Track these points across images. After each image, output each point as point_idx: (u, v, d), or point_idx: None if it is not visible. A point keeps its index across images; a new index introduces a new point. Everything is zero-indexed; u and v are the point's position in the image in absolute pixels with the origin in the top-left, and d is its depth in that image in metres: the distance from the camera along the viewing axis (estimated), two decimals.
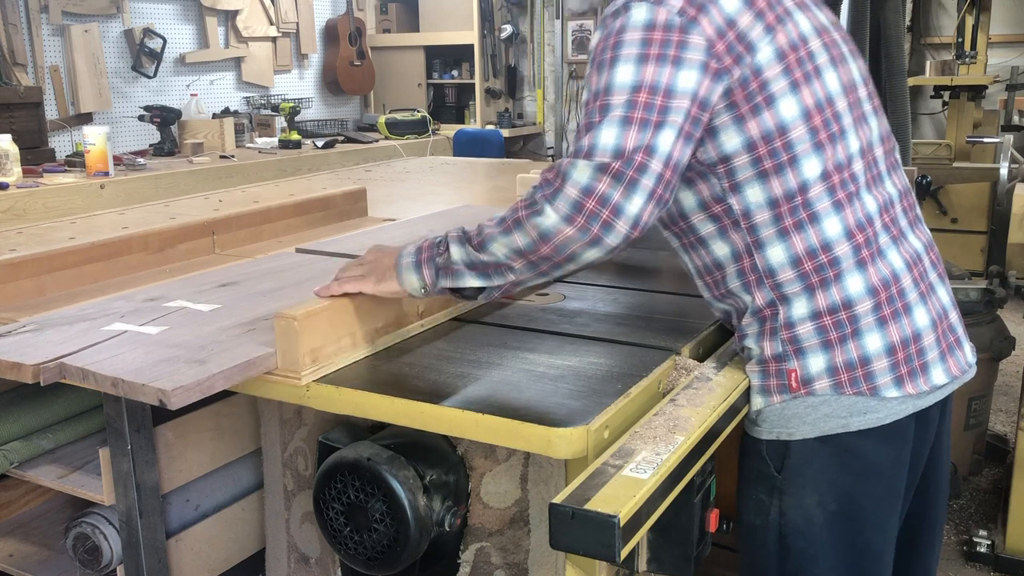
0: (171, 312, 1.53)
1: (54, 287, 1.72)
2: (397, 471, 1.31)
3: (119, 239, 1.86)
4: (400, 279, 1.34)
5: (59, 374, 1.30)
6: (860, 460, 1.34)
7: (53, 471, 1.64)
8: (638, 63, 1.19)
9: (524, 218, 1.20)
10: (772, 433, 1.36)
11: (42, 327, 1.46)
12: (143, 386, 1.20)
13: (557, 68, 6.70)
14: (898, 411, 1.32)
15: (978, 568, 2.79)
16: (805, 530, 1.36)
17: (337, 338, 1.35)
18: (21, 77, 4.38)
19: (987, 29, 5.27)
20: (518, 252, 1.22)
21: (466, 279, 1.28)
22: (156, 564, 1.58)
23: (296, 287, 1.68)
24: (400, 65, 6.69)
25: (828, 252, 1.29)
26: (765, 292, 1.32)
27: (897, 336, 1.31)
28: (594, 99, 1.21)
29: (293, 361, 1.30)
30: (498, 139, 5.92)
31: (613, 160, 1.15)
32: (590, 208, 1.15)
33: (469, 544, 1.42)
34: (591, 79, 1.23)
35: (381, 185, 3.49)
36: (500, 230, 1.23)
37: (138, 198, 3.72)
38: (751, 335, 1.36)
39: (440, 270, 1.30)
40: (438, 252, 1.30)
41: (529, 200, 1.20)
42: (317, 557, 1.60)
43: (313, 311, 1.31)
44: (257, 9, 5.68)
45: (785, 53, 1.27)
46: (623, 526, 0.98)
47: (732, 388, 1.33)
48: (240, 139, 5.19)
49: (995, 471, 3.34)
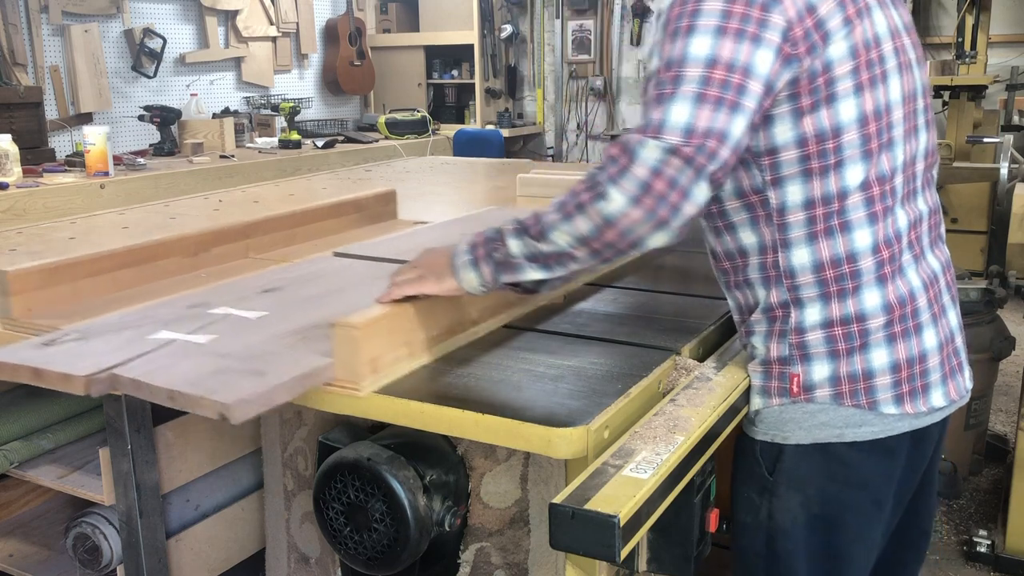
0: (217, 320, 1.49)
1: (91, 292, 1.68)
2: (397, 471, 1.31)
3: (155, 243, 1.81)
4: (458, 278, 1.29)
5: (110, 385, 1.26)
6: (849, 470, 1.33)
7: (53, 471, 1.64)
8: (716, 36, 1.14)
9: (587, 202, 1.13)
10: (767, 435, 1.36)
11: (86, 335, 1.42)
12: (201, 399, 1.15)
13: (557, 68, 6.70)
14: (893, 428, 1.32)
15: (978, 568, 2.78)
16: (791, 532, 1.37)
17: (395, 347, 1.31)
18: (21, 77, 4.38)
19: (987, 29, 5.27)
20: (581, 240, 1.16)
21: (526, 272, 1.23)
22: (156, 564, 1.58)
23: (341, 292, 1.65)
24: (400, 65, 6.69)
25: (852, 263, 1.27)
26: (781, 291, 1.30)
27: (904, 355, 1.30)
28: (666, 68, 1.15)
29: (352, 371, 1.25)
30: (498, 139, 5.91)
31: (684, 142, 1.10)
32: (659, 190, 1.10)
33: (469, 544, 1.42)
34: (663, 45, 1.17)
35: (381, 185, 3.48)
36: (560, 216, 1.17)
37: (138, 198, 3.72)
38: (758, 333, 1.34)
39: (499, 265, 1.25)
40: (494, 247, 1.25)
41: (591, 182, 1.14)
42: (317, 557, 1.60)
43: (373, 319, 1.26)
44: (257, 9, 5.68)
45: (858, 51, 1.23)
46: (623, 526, 0.98)
47: (732, 388, 1.33)
48: (240, 139, 5.19)
49: (995, 471, 3.34)
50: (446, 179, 3.68)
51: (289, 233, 2.09)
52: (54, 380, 1.27)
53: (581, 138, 6.79)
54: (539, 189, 2.93)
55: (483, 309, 1.50)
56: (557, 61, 6.68)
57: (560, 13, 6.59)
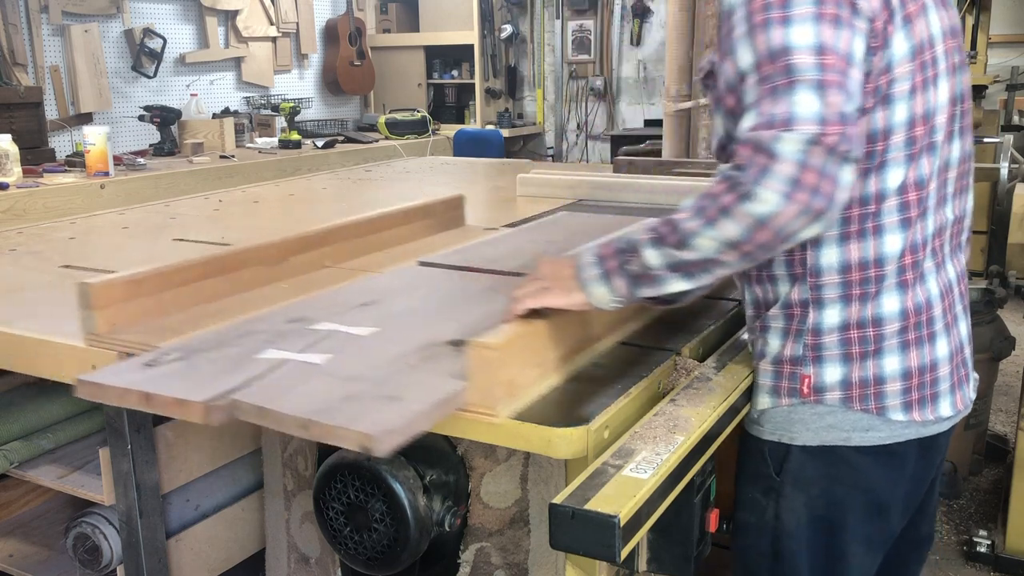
0: (325, 337, 1.40)
1: (174, 305, 1.58)
2: (397, 471, 1.31)
3: (236, 252, 1.72)
4: (587, 292, 1.23)
5: (230, 412, 1.17)
6: (854, 474, 1.33)
7: (53, 471, 1.64)
8: (816, 23, 1.10)
9: (731, 205, 1.09)
10: (774, 435, 1.35)
11: (187, 355, 1.33)
12: (341, 429, 1.06)
13: (557, 68, 6.70)
14: (900, 435, 1.31)
15: (978, 568, 2.78)
16: (795, 533, 1.37)
17: (528, 368, 1.23)
18: (21, 77, 4.38)
19: (987, 29, 5.27)
20: (730, 244, 1.11)
21: (669, 284, 1.18)
22: (156, 564, 1.58)
23: (443, 306, 1.58)
24: (400, 65, 6.69)
25: (879, 268, 1.25)
26: (804, 289, 1.28)
27: (916, 363, 1.29)
28: (770, 60, 1.11)
29: (488, 395, 1.16)
30: (498, 139, 5.91)
31: (822, 130, 1.06)
32: (810, 183, 1.06)
33: (469, 544, 1.42)
34: (753, 38, 1.13)
35: (382, 185, 3.49)
36: (702, 223, 1.11)
37: (138, 198, 3.72)
38: (774, 330, 1.33)
39: (636, 279, 1.19)
40: (627, 259, 1.19)
41: (730, 184, 1.09)
42: (317, 557, 1.60)
43: (510, 339, 1.18)
44: (257, 9, 5.68)
45: (916, 52, 1.21)
46: (623, 526, 0.98)
47: (732, 388, 1.33)
48: (240, 139, 5.19)
49: (995, 471, 3.34)
50: (446, 179, 3.68)
51: (363, 241, 2.01)
52: (168, 406, 1.19)
53: (581, 138, 6.79)
54: (539, 189, 2.93)
55: (605, 324, 1.42)
56: (557, 61, 6.68)
57: (560, 13, 6.59)
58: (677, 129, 3.32)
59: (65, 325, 1.59)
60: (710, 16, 3.12)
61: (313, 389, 1.19)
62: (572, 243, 1.99)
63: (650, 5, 6.37)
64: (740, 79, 1.15)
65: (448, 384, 1.19)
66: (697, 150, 3.25)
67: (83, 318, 1.48)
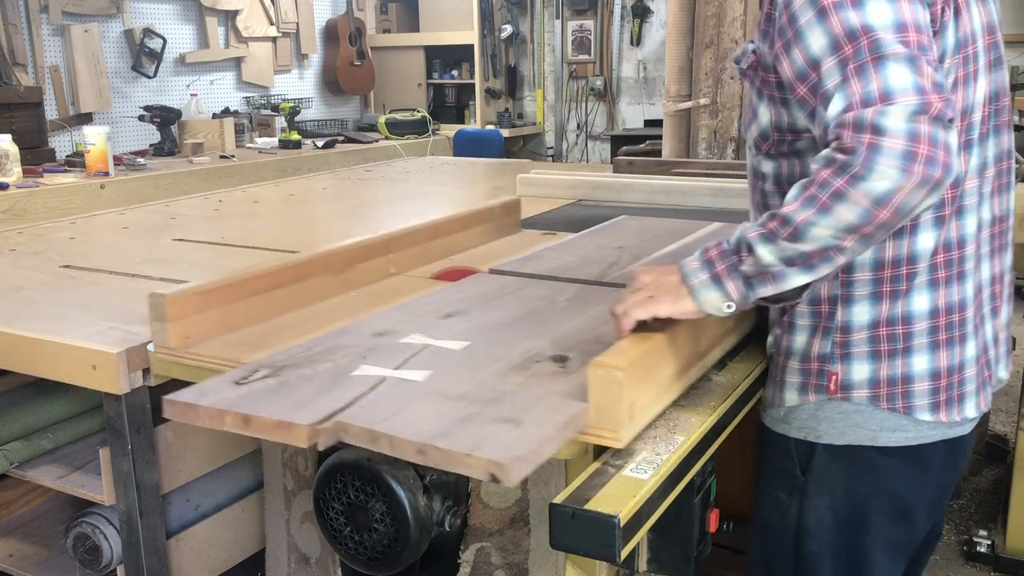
0: (418, 351, 1.35)
1: (243, 317, 1.54)
2: (397, 471, 1.31)
3: (304, 261, 1.67)
4: (697, 299, 1.18)
5: (337, 435, 1.12)
6: (880, 476, 1.31)
7: (53, 471, 1.64)
8: (889, 0, 1.09)
9: (844, 188, 1.05)
10: (801, 432, 1.34)
11: (277, 371, 1.27)
12: (467, 456, 1.00)
13: (557, 68, 6.70)
14: (927, 436, 1.29)
15: (978, 568, 2.78)
16: (818, 534, 1.35)
17: (649, 387, 1.18)
18: (21, 77, 4.38)
19: None
20: (849, 229, 1.07)
21: (790, 279, 1.13)
22: (156, 564, 1.58)
23: (530, 317, 1.53)
24: (400, 65, 6.69)
25: (911, 265, 1.24)
26: (834, 285, 1.27)
27: (944, 363, 1.27)
28: (849, 41, 1.08)
29: (611, 418, 1.10)
30: (498, 139, 5.91)
31: (923, 100, 1.04)
32: (925, 153, 1.03)
33: (469, 544, 1.42)
34: (826, 22, 1.10)
35: (381, 185, 3.49)
36: (815, 211, 1.08)
37: (138, 198, 3.72)
38: (801, 327, 1.31)
39: (751, 279, 1.14)
40: (739, 260, 1.15)
41: (838, 167, 1.06)
42: (317, 557, 1.60)
43: (635, 358, 1.12)
44: (257, 9, 5.68)
45: (960, 46, 1.21)
46: (623, 526, 0.98)
47: (732, 388, 1.33)
48: (240, 139, 5.19)
49: (995, 471, 3.34)
50: (446, 179, 3.68)
51: (425, 247, 1.98)
52: (269, 429, 1.13)
53: (581, 138, 6.79)
54: (539, 189, 2.93)
55: (713, 337, 1.37)
56: (557, 61, 6.68)
57: (560, 13, 6.59)
58: (677, 129, 3.32)
59: (65, 325, 1.60)
60: (710, 16, 3.12)
61: (422, 410, 1.13)
62: (642, 247, 1.98)
63: (650, 5, 6.37)
64: (811, 66, 1.12)
65: (567, 406, 1.13)
66: (697, 150, 3.25)
67: (155, 331, 1.44)
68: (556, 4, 6.57)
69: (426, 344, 1.38)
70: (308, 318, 1.59)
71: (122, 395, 1.47)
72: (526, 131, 6.81)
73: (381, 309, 1.59)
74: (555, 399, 1.16)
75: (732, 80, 3.13)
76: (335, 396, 1.19)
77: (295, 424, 1.11)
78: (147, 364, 1.49)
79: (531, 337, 1.41)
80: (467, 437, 1.04)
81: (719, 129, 3.20)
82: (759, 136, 1.31)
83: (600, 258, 1.91)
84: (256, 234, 2.46)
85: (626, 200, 2.75)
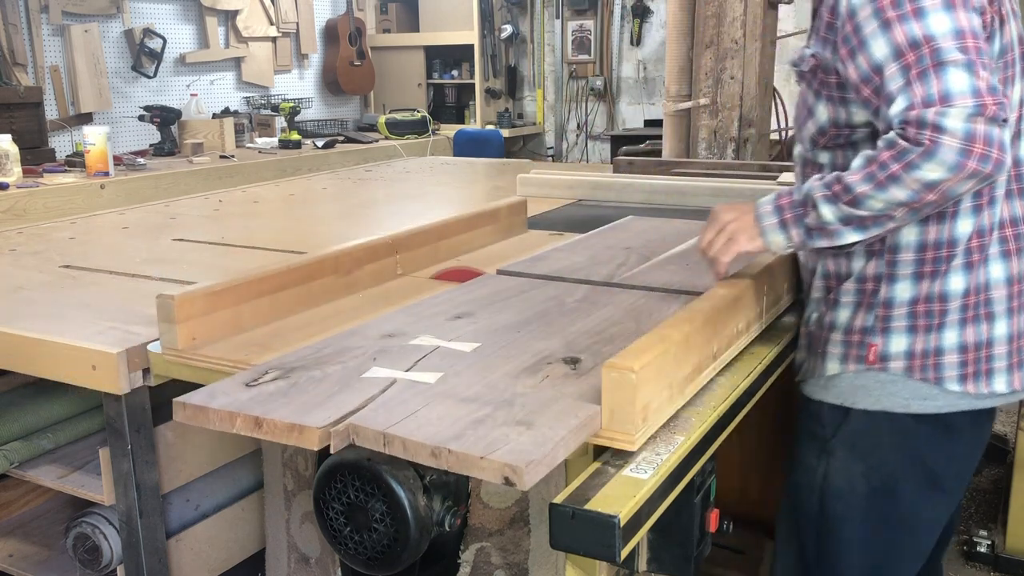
0: (428, 352, 1.35)
1: (251, 318, 1.54)
2: (397, 471, 1.31)
3: (311, 262, 1.67)
4: (766, 239, 1.40)
5: (349, 438, 1.13)
6: (911, 441, 1.44)
7: (53, 471, 1.64)
8: (948, 10, 1.22)
9: (900, 172, 1.22)
10: (838, 399, 1.46)
11: (287, 374, 1.27)
12: (480, 459, 1.01)
13: (557, 68, 6.70)
14: (955, 405, 1.41)
15: (978, 568, 2.78)
16: (845, 496, 1.47)
17: (661, 390, 1.18)
18: (21, 77, 4.38)
19: None
20: (899, 204, 1.25)
21: (844, 237, 1.32)
22: (156, 564, 1.58)
23: (540, 318, 1.52)
24: (400, 65, 6.69)
25: (950, 248, 1.37)
26: (880, 264, 1.40)
27: (972, 339, 1.39)
28: (912, 49, 1.22)
29: (624, 420, 1.10)
30: (498, 139, 5.91)
31: (980, 102, 1.17)
32: (979, 151, 1.17)
33: (469, 544, 1.42)
34: (889, 32, 1.24)
35: (381, 185, 3.49)
36: (872, 187, 1.25)
37: (138, 198, 3.72)
38: (845, 304, 1.44)
39: (812, 230, 1.34)
40: (803, 213, 1.34)
41: (897, 153, 1.22)
42: (317, 557, 1.60)
43: (648, 361, 1.12)
44: (257, 9, 5.68)
45: (1003, 52, 1.33)
46: (623, 526, 0.98)
47: (732, 388, 1.33)
48: (240, 139, 5.19)
49: (995, 471, 3.34)
50: (446, 179, 3.68)
51: (432, 248, 1.98)
52: (281, 432, 1.13)
53: (581, 138, 6.79)
54: (539, 189, 2.93)
55: (724, 339, 1.39)
56: (557, 61, 6.68)
57: (560, 13, 6.59)
58: (677, 129, 3.32)
59: (65, 325, 1.60)
60: (710, 16, 3.12)
61: (435, 412, 1.14)
62: (650, 248, 1.98)
63: (650, 5, 6.37)
64: (875, 71, 1.27)
65: (580, 408, 1.13)
66: (697, 150, 3.25)
67: (163, 332, 1.44)
68: (556, 4, 6.57)
69: (436, 346, 1.38)
70: (316, 319, 1.59)
71: (122, 395, 1.48)
72: (526, 131, 6.81)
73: (389, 310, 1.59)
74: (568, 401, 1.16)
75: (732, 80, 3.13)
76: (346, 398, 1.19)
77: (307, 427, 1.11)
78: (147, 364, 1.49)
79: (542, 338, 1.41)
80: (480, 440, 1.04)
81: (719, 129, 3.20)
82: (816, 132, 1.45)
83: (608, 259, 1.90)
84: (256, 234, 2.46)
85: (626, 200, 2.75)
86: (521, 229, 2.31)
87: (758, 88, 3.14)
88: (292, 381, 1.25)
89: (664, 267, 1.83)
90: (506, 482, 0.99)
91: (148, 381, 1.50)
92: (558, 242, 2.11)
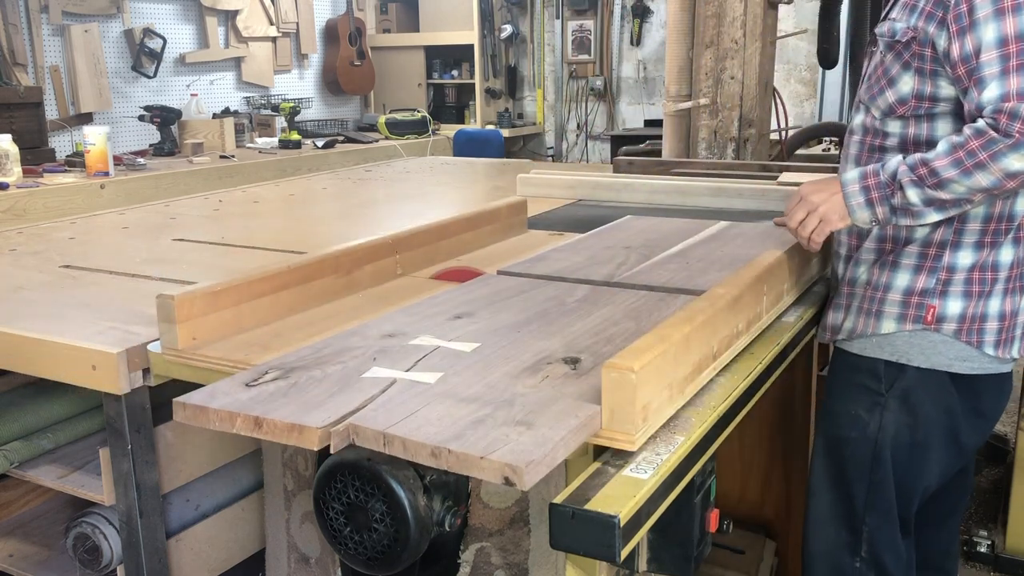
0: (428, 352, 1.35)
1: (251, 318, 1.53)
2: (397, 471, 1.31)
3: (311, 262, 1.67)
4: (853, 216, 1.51)
5: (349, 438, 1.13)
6: (947, 399, 1.59)
7: (53, 471, 1.64)
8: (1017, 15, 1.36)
9: (986, 161, 1.35)
10: (894, 356, 1.59)
11: (287, 374, 1.27)
12: (480, 459, 1.01)
13: (557, 68, 6.70)
14: (986, 368, 1.57)
15: (978, 568, 2.78)
16: (891, 444, 1.61)
17: (661, 390, 1.17)
18: (21, 77, 4.38)
19: None
20: (981, 190, 1.38)
21: (926, 217, 1.45)
22: (156, 564, 1.58)
23: (540, 318, 1.52)
24: (400, 65, 6.69)
25: (1009, 222, 1.53)
26: (947, 231, 1.53)
27: (1009, 307, 1.55)
28: (1018, 39, 1.35)
29: (624, 420, 1.10)
30: (498, 139, 5.91)
31: None
32: None
33: (469, 544, 1.42)
34: (1001, 20, 1.36)
35: (381, 185, 3.49)
36: (958, 173, 1.38)
37: (138, 198, 3.72)
38: (906, 266, 1.57)
39: (898, 210, 1.46)
40: (890, 193, 1.46)
41: (986, 140, 1.34)
42: (317, 557, 1.60)
43: (648, 361, 1.11)
44: (257, 9, 5.68)
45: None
46: (623, 526, 0.98)
47: (732, 388, 1.33)
48: (240, 139, 5.19)
49: (995, 471, 3.34)
50: (446, 179, 3.68)
51: (433, 248, 1.97)
52: (281, 432, 1.13)
53: (581, 138, 6.79)
54: (539, 189, 2.93)
55: (724, 339, 1.38)
56: (557, 61, 6.68)
57: (560, 13, 6.59)
58: (677, 129, 3.32)
59: (65, 325, 1.59)
60: (710, 16, 3.12)
61: (435, 412, 1.13)
62: (650, 247, 1.98)
63: (650, 5, 6.37)
64: (975, 53, 1.38)
65: (580, 408, 1.13)
66: (697, 150, 3.25)
67: (163, 332, 1.44)
68: (556, 4, 6.57)
69: (436, 346, 1.38)
70: (316, 319, 1.59)
71: (122, 395, 1.48)
72: (526, 131, 6.81)
73: (389, 310, 1.59)
74: (568, 401, 1.16)
75: (732, 80, 3.13)
76: (346, 398, 1.19)
77: (307, 427, 1.11)
78: (147, 364, 1.49)
79: (542, 338, 1.41)
80: (480, 440, 1.04)
81: (719, 129, 3.20)
82: (896, 101, 1.54)
83: (608, 258, 1.90)
84: (256, 234, 2.46)
85: (626, 200, 2.75)
86: (521, 229, 2.31)
87: (758, 88, 3.14)
88: (292, 381, 1.25)
89: (664, 266, 1.83)
90: (506, 482, 0.99)
91: (148, 381, 1.50)
92: (558, 242, 2.10)
